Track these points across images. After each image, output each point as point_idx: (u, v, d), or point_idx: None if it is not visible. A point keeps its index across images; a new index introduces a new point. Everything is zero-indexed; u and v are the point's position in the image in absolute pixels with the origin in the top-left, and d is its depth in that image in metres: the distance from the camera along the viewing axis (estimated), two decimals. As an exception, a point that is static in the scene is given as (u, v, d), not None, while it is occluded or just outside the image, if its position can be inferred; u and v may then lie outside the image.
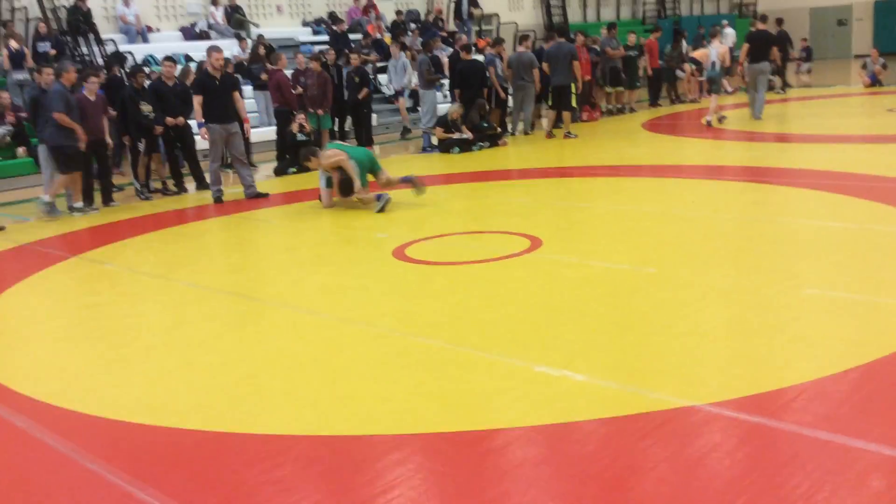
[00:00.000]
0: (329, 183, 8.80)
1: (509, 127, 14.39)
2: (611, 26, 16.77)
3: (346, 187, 8.63)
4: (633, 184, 9.18)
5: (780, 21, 19.43)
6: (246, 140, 10.64)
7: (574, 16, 25.17)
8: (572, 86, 13.27)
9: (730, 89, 18.50)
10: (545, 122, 13.83)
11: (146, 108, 10.16)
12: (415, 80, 14.66)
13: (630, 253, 6.11)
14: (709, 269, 5.55)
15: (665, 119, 15.40)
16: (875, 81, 18.14)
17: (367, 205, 8.54)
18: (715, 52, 13.62)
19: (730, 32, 20.06)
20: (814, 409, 3.42)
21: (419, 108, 14.24)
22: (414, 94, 15.37)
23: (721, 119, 13.70)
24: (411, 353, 4.40)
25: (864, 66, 18.77)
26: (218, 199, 9.75)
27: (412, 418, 3.62)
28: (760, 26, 14.14)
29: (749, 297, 4.93)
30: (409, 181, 8.92)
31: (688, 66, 17.87)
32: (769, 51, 13.73)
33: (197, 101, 9.54)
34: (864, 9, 29.87)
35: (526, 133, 14.28)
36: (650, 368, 3.95)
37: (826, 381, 3.65)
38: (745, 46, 13.75)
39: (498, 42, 14.63)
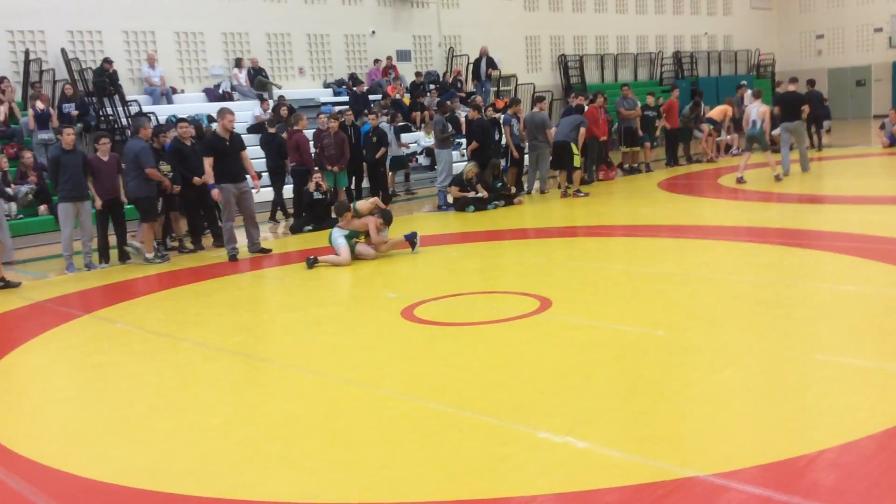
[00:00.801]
0: (349, 238, 9.18)
1: (525, 186, 14.49)
2: (625, 87, 16.95)
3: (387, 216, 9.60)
4: (647, 244, 9.14)
5: (811, 82, 19.65)
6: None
7: (591, 77, 25.49)
8: (573, 146, 13.38)
9: (736, 150, 18.54)
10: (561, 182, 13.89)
11: (165, 167, 10.36)
12: (429, 140, 14.83)
13: (640, 315, 6.04)
14: (719, 333, 5.47)
15: (681, 179, 15.41)
16: (894, 142, 18.10)
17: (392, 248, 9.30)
18: (755, 110, 13.68)
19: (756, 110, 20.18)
20: (825, 480, 3.32)
21: (436, 167, 14.37)
22: (431, 153, 15.53)
23: (740, 179, 13.71)
24: (414, 418, 4.35)
25: (883, 127, 18.75)
26: (233, 258, 9.84)
27: (412, 486, 3.55)
28: (790, 87, 14.80)
29: (760, 362, 4.84)
30: (409, 239, 9.52)
31: (705, 127, 17.96)
32: (798, 111, 14.46)
33: (208, 162, 9.78)
34: (883, 70, 30.00)
35: (542, 192, 14.34)
36: (655, 436, 3.86)
37: (837, 451, 3.55)
38: (775, 108, 14.55)
39: (514, 102, 14.82)
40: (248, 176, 10.18)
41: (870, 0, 30.08)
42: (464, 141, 15.45)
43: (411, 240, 9.48)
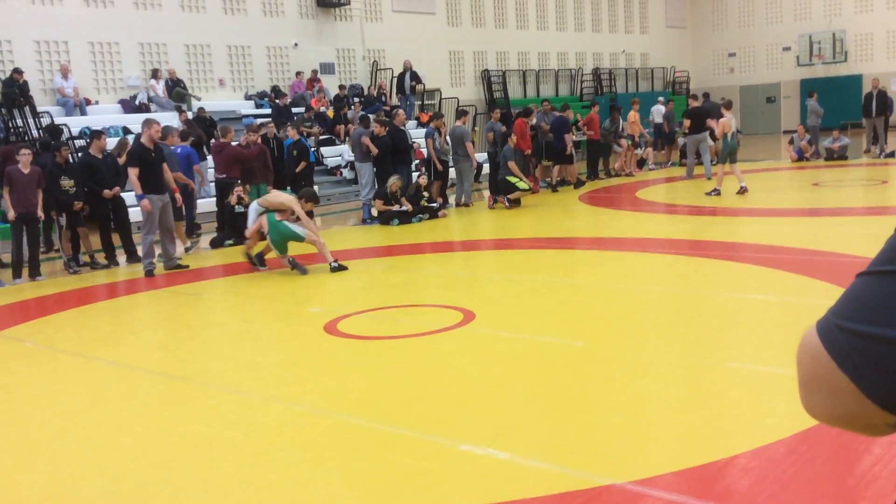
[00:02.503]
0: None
1: (451, 199, 14.60)
2: (544, 102, 17.27)
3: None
4: (568, 256, 9.29)
5: (706, 95, 20.62)
6: (179, 209, 10.63)
7: (514, 92, 25.85)
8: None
9: (652, 165, 19.09)
10: (485, 194, 14.03)
11: (67, 182, 10.04)
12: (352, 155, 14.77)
13: (560, 326, 6.13)
14: (636, 343, 5.59)
15: (601, 192, 15.75)
16: (801, 156, 18.92)
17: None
18: (734, 121, 13.97)
19: (658, 109, 20.89)
20: (737, 485, 3.42)
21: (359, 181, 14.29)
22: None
23: (715, 192, 13.61)
24: (335, 434, 4.29)
25: (791, 142, 19.58)
26: (150, 273, 9.56)
27: (333, 502, 3.50)
28: (694, 103, 15.70)
29: (675, 371, 4.97)
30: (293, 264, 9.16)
31: (624, 141, 18.41)
32: (704, 123, 16.00)
33: (133, 173, 9.47)
34: (792, 87, 31.36)
35: (466, 205, 14.44)
36: (574, 446, 3.91)
37: (749, 456, 3.66)
38: (686, 122, 15.32)
39: (437, 116, 14.91)
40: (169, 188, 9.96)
41: (778, 20, 31.46)
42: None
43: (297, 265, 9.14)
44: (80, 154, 11.65)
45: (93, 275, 10.04)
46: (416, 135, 16.30)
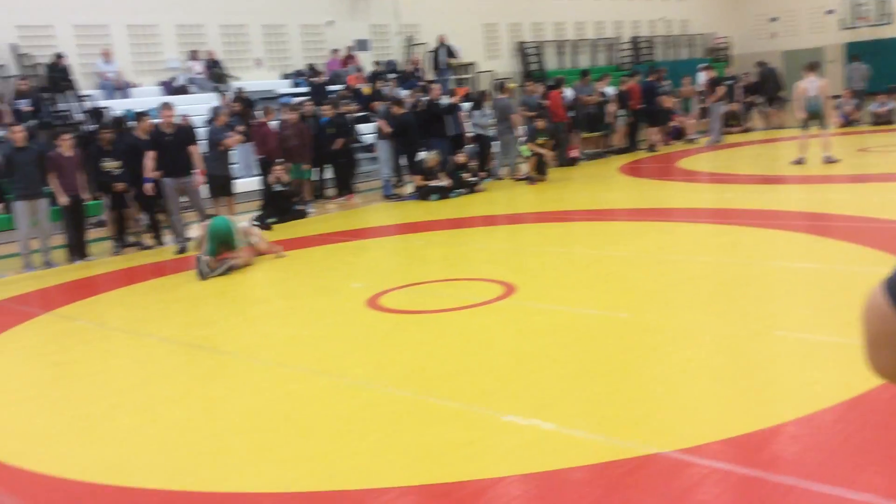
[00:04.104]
0: (211, 252, 8.45)
1: (500, 171, 14.62)
2: (584, 73, 17.06)
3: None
4: (609, 228, 9.24)
5: (761, 63, 20.14)
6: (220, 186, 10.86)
7: (550, 63, 25.57)
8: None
9: (693, 135, 18.62)
10: (525, 167, 13.95)
11: (110, 164, 10.22)
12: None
13: (603, 298, 6.12)
14: (680, 313, 5.56)
15: (641, 163, 15.58)
16: (848, 122, 18.46)
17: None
18: (815, 85, 12.82)
19: (700, 77, 20.46)
20: (784, 453, 3.41)
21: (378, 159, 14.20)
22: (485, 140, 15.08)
23: (801, 160, 12.69)
24: (380, 406, 4.36)
25: (837, 107, 19.11)
26: (183, 250, 9.79)
27: (380, 472, 3.57)
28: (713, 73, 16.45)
29: (720, 340, 4.94)
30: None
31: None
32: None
33: (149, 156, 9.76)
34: (836, 51, 30.54)
35: (514, 178, 14.26)
36: (619, 416, 3.92)
37: (796, 425, 3.64)
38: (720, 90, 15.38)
39: (479, 94, 14.98)
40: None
41: (821, -17, 30.58)
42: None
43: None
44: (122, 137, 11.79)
45: (140, 254, 10.26)
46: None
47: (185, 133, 10.12)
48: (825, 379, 4.13)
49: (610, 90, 16.93)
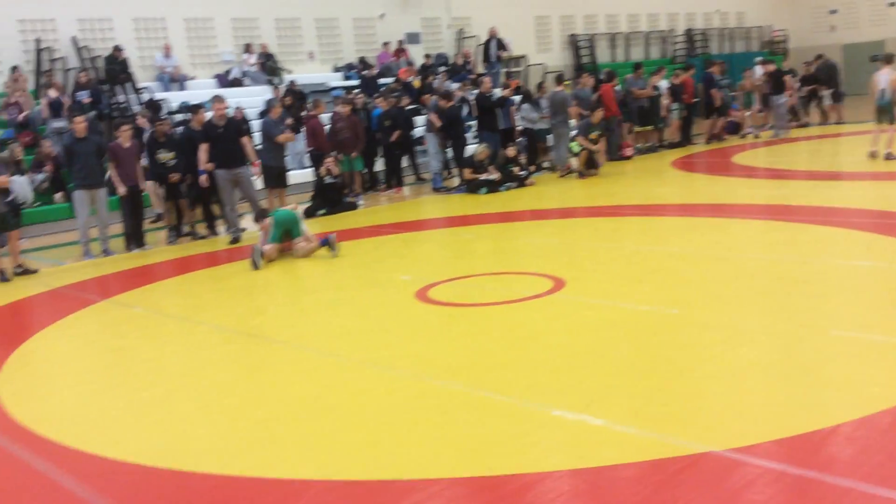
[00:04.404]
0: (275, 238, 8.77)
1: (552, 165, 14.56)
2: (637, 66, 16.83)
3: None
4: (661, 223, 9.12)
5: (820, 56, 19.69)
6: (275, 178, 11.00)
7: (602, 56, 25.30)
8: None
9: (748, 129, 18.20)
10: (574, 162, 13.84)
11: (165, 156, 10.43)
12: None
13: (654, 294, 6.05)
14: (733, 311, 5.47)
15: (695, 157, 15.34)
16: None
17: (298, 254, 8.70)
18: (886, 78, 12.30)
19: (757, 70, 19.99)
20: (841, 455, 3.33)
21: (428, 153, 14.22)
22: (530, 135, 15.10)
23: (874, 154, 12.26)
24: (429, 397, 4.39)
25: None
26: (235, 240, 10.01)
27: (428, 463, 3.59)
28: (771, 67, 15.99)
29: (774, 338, 4.84)
30: (326, 243, 8.79)
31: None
32: (783, 85, 16.84)
33: (202, 148, 9.96)
34: (898, 44, 29.61)
35: (567, 170, 14.11)
36: (670, 413, 3.88)
37: (853, 426, 3.56)
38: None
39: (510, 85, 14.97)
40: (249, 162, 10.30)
41: (884, -26, 29.67)
42: (474, 123, 15.43)
43: (326, 243, 8.80)
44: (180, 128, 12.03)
45: (194, 244, 10.46)
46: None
47: (237, 125, 10.31)
48: (883, 379, 4.03)
49: (663, 84, 16.69)
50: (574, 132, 13.90)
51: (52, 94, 14.27)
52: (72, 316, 7.05)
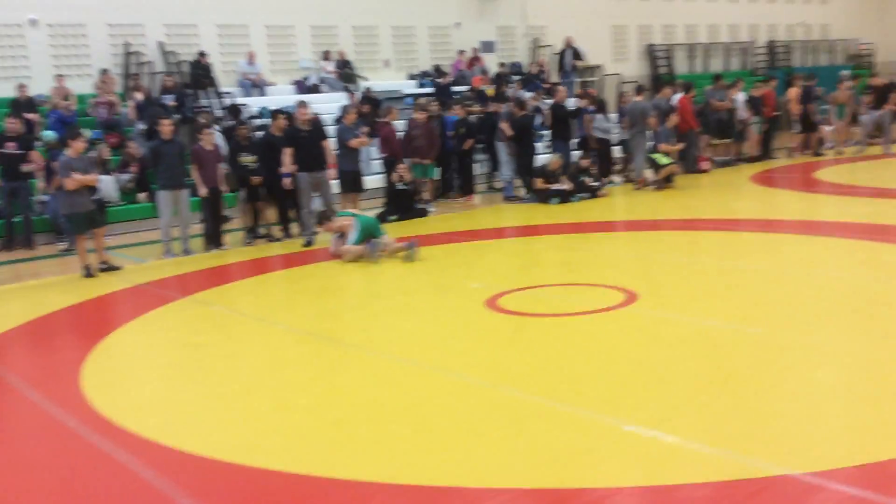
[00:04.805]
0: (358, 242, 9.07)
1: (633, 174, 14.39)
2: (716, 77, 16.50)
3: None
4: (740, 238, 8.92)
5: None
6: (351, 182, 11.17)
7: (680, 66, 24.90)
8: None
9: (829, 143, 17.59)
10: (649, 174, 13.65)
11: (247, 159, 10.70)
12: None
13: (732, 311, 5.92)
14: (816, 331, 5.31)
15: (776, 172, 14.94)
16: None
17: (368, 258, 8.85)
18: None
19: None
20: (927, 485, 3.20)
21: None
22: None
23: None
24: (500, 406, 4.39)
25: None
26: (308, 243, 10.18)
27: (497, 472, 3.59)
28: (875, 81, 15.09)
29: (858, 361, 4.68)
30: (410, 247, 8.88)
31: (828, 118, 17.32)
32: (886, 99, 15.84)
33: (287, 152, 10.21)
34: None
35: (643, 183, 13.89)
36: (747, 433, 3.79)
37: (942, 456, 3.41)
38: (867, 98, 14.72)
39: (588, 95, 14.79)
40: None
41: (982, -15, 28.40)
42: (546, 133, 15.36)
43: (408, 247, 8.91)
44: (260, 133, 12.34)
45: (269, 246, 10.70)
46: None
47: (320, 129, 10.52)
48: (977, 410, 3.85)
49: (740, 96, 16.31)
50: (651, 143, 13.69)
51: (138, 97, 14.79)
52: (153, 312, 7.29)
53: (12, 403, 5.21)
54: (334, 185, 11.09)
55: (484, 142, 14.17)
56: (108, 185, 12.34)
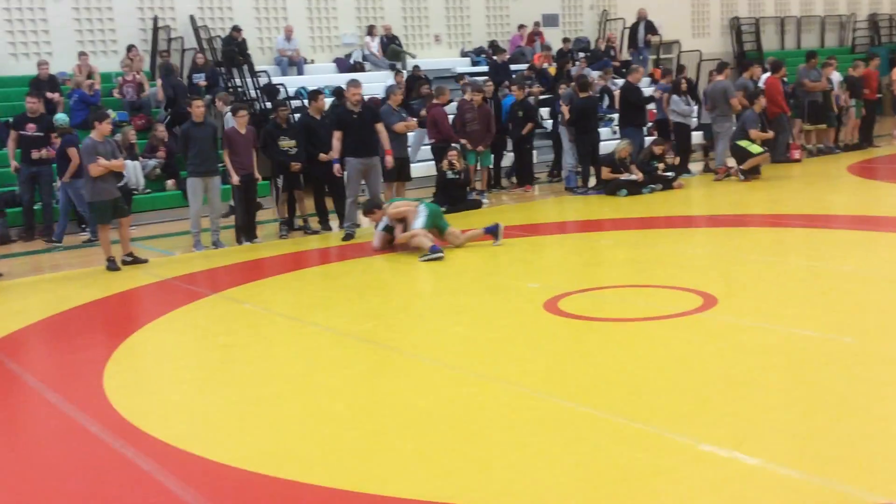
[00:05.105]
0: (387, 228, 9.33)
1: (712, 164, 14.18)
2: (810, 55, 16.13)
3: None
4: (833, 237, 8.73)
5: None
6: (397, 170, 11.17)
7: (769, 43, 24.44)
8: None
9: None
10: (731, 162, 13.43)
11: (287, 143, 10.76)
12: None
13: (823, 318, 5.80)
14: (921, 342, 5.17)
15: (877, 162, 14.57)
16: None
17: (419, 250, 8.90)
18: None
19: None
20: None
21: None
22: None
23: None
24: (557, 420, 4.36)
25: None
26: (349, 236, 10.21)
27: (554, 494, 3.57)
28: None
29: (971, 378, 4.54)
30: (492, 231, 9.12)
31: None
32: None
33: (336, 136, 10.21)
34: None
35: (725, 173, 13.66)
36: (838, 456, 3.71)
37: None
38: None
39: (667, 72, 14.52)
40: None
41: None
42: (615, 116, 15.22)
43: (493, 232, 9.22)
44: (297, 115, 12.47)
45: (306, 239, 10.82)
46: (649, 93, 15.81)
47: (372, 111, 10.50)
48: None
49: (836, 76, 15.92)
50: (741, 122, 13.36)
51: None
52: (180, 309, 7.44)
53: (31, 405, 5.37)
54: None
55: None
56: (133, 171, 12.62)
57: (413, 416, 4.58)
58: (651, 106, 14.54)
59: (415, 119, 12.90)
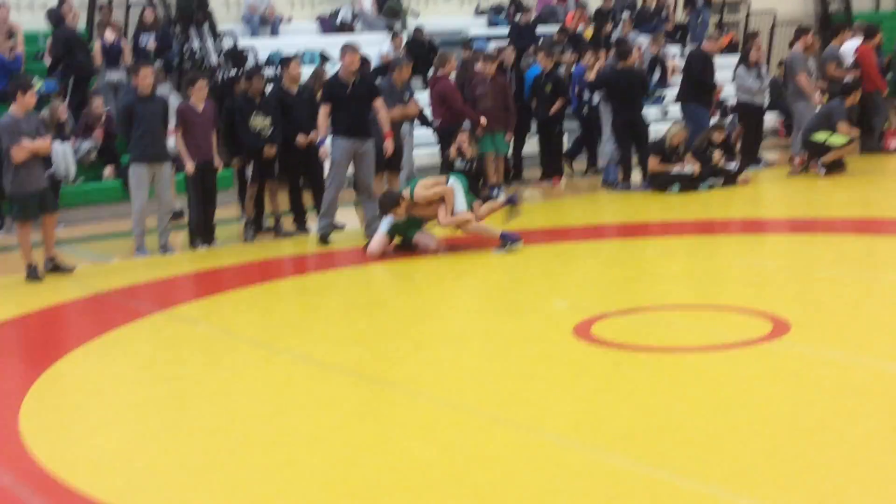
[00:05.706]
0: (393, 229, 9.38)
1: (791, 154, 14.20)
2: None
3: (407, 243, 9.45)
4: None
5: None
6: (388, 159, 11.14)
7: (861, 3, 24.43)
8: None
9: None
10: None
11: (259, 121, 10.68)
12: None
13: (925, 350, 5.80)
14: None
15: None
16: None
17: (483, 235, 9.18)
18: None
19: None
20: None
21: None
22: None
23: None
24: (589, 476, 4.36)
25: None
26: (324, 237, 10.25)
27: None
28: None
29: None
30: (511, 201, 9.59)
31: None
32: None
33: (323, 111, 10.17)
34: None
35: (802, 166, 13.63)
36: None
37: None
38: None
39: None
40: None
41: None
42: (668, 93, 15.25)
43: (512, 201, 9.67)
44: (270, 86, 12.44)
45: (277, 243, 10.82)
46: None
47: (370, 84, 10.50)
48: None
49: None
50: (826, 110, 13.33)
51: (108, 36, 15.02)
52: (119, 330, 7.44)
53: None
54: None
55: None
56: (63, 156, 12.62)
57: (410, 469, 4.57)
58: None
59: (418, 103, 12.73)
